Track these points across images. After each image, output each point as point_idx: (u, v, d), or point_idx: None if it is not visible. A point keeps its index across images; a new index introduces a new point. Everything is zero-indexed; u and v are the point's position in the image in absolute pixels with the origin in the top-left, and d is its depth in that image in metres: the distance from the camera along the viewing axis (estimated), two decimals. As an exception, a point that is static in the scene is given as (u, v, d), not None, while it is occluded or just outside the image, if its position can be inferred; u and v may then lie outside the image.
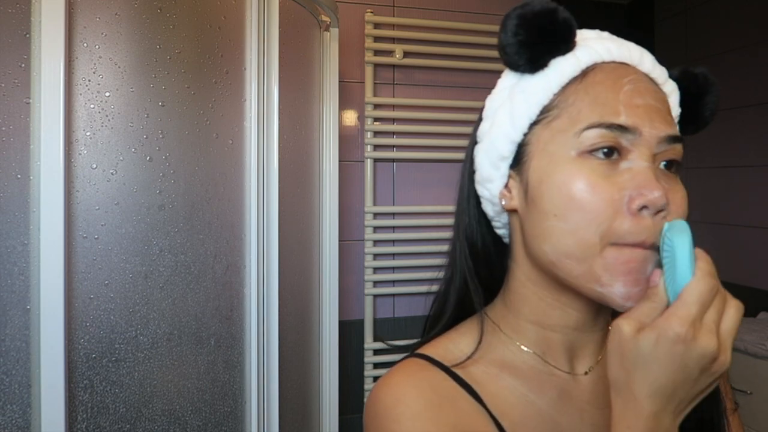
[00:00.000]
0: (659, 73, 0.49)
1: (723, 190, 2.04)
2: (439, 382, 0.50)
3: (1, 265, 0.83)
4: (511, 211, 0.52)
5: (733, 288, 2.13)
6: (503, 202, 0.52)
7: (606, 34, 0.52)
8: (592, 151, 0.45)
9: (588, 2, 2.36)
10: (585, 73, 0.47)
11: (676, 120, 0.51)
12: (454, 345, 0.54)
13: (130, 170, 0.92)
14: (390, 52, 1.91)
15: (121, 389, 0.91)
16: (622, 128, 0.44)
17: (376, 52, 1.90)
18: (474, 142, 0.55)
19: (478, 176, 0.54)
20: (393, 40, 1.92)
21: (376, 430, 0.48)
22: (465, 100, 1.95)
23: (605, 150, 0.45)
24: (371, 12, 1.88)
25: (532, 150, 0.49)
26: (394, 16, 1.93)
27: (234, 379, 1.04)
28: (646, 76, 0.48)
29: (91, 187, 0.89)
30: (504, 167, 0.51)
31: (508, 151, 0.50)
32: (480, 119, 0.55)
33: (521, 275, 0.53)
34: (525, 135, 0.49)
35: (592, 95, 0.46)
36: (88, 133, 0.89)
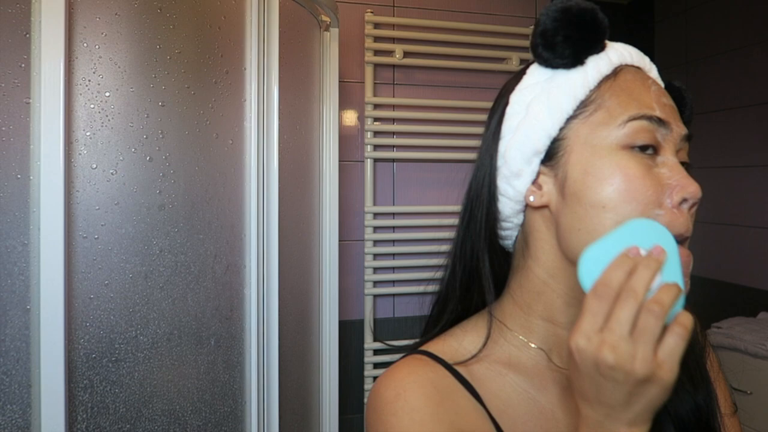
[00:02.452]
0: (660, 82, 0.53)
1: (723, 190, 2.04)
2: (440, 378, 0.51)
3: (1, 265, 0.83)
4: (537, 209, 0.52)
5: (733, 288, 2.14)
6: (531, 199, 0.52)
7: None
8: (632, 147, 0.47)
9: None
10: (616, 72, 0.50)
11: None
12: (458, 343, 0.55)
13: (130, 170, 0.92)
14: (390, 52, 1.91)
15: (121, 389, 0.91)
16: (660, 121, 0.48)
17: (376, 52, 1.90)
18: (496, 140, 0.54)
19: (507, 171, 0.53)
20: (393, 40, 1.92)
21: (376, 424, 0.49)
22: (465, 100, 1.95)
23: (643, 145, 0.47)
24: (371, 12, 1.88)
25: (570, 144, 0.50)
26: (394, 16, 1.93)
27: (234, 379, 1.04)
28: (654, 80, 0.52)
29: (91, 187, 0.89)
30: (536, 162, 0.52)
31: (543, 146, 0.51)
32: (501, 115, 0.54)
33: (542, 273, 0.53)
34: (561, 130, 0.50)
35: (627, 91, 0.49)
36: (88, 133, 0.89)
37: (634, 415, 0.40)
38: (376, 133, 1.91)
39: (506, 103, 0.54)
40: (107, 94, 0.91)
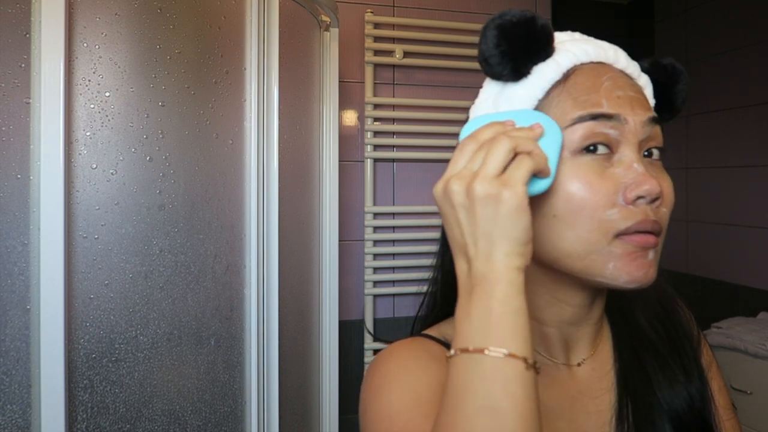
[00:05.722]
0: (633, 68, 0.51)
1: (723, 190, 2.04)
2: (435, 348, 0.54)
3: (1, 265, 0.83)
4: None
5: (734, 288, 2.14)
6: None
7: (578, 35, 0.53)
8: (584, 149, 0.47)
9: (588, 2, 2.37)
10: (566, 76, 0.49)
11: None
12: (450, 327, 0.57)
13: (130, 170, 0.92)
14: (390, 52, 1.91)
15: (121, 389, 0.91)
16: (606, 116, 0.46)
17: (376, 52, 1.90)
18: None
19: None
20: (393, 40, 1.92)
21: (369, 377, 0.53)
22: (465, 100, 1.95)
23: (595, 146, 0.46)
24: (371, 12, 1.88)
25: None
26: (394, 16, 1.93)
27: (234, 379, 1.04)
28: (622, 72, 0.51)
29: (91, 187, 0.89)
30: None
31: None
32: None
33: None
34: None
35: (575, 95, 0.48)
36: (88, 133, 0.89)
37: (487, 249, 0.41)
38: (376, 133, 1.91)
39: (467, 118, 0.55)
40: (107, 94, 0.91)
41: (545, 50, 0.49)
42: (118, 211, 0.91)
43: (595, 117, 0.46)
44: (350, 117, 1.92)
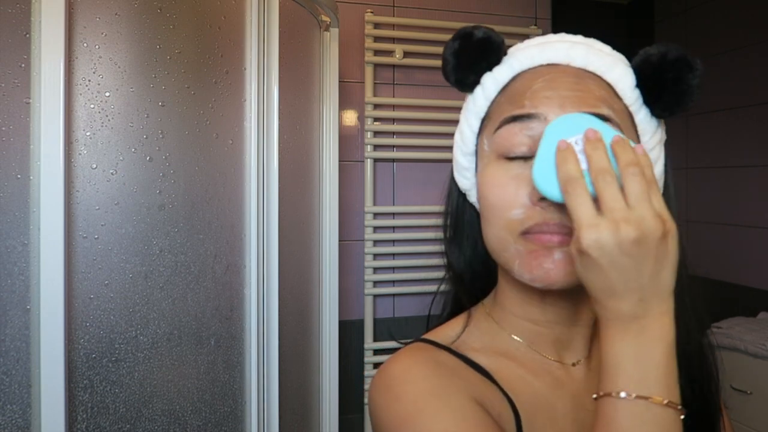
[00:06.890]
0: (598, 64, 0.50)
1: (723, 190, 2.04)
2: (444, 358, 0.53)
3: (1, 265, 0.83)
4: None
5: (733, 288, 2.13)
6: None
7: (540, 38, 0.54)
8: (503, 155, 0.49)
9: (588, 2, 2.36)
10: (509, 83, 0.52)
11: (639, 103, 0.50)
12: (452, 330, 0.57)
13: (130, 170, 0.92)
14: (390, 52, 1.91)
15: (121, 389, 0.91)
16: (526, 117, 0.48)
17: (376, 52, 1.90)
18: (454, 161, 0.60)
19: (462, 189, 0.59)
20: (393, 40, 1.92)
21: (386, 398, 0.49)
22: (465, 100, 1.95)
23: (515, 153, 0.48)
24: (371, 12, 1.88)
25: (478, 159, 0.54)
26: (394, 16, 1.93)
27: (234, 379, 1.04)
28: (583, 70, 0.50)
29: (91, 187, 0.89)
30: (471, 177, 0.56)
31: (468, 162, 0.55)
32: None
33: (500, 271, 0.56)
34: (476, 145, 0.55)
35: (508, 99, 0.51)
36: (88, 133, 0.89)
37: (662, 287, 0.39)
38: (376, 133, 1.91)
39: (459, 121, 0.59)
40: (107, 94, 0.91)
41: (486, 61, 0.52)
42: (118, 211, 0.91)
43: (515, 118, 0.48)
44: (350, 117, 1.92)
